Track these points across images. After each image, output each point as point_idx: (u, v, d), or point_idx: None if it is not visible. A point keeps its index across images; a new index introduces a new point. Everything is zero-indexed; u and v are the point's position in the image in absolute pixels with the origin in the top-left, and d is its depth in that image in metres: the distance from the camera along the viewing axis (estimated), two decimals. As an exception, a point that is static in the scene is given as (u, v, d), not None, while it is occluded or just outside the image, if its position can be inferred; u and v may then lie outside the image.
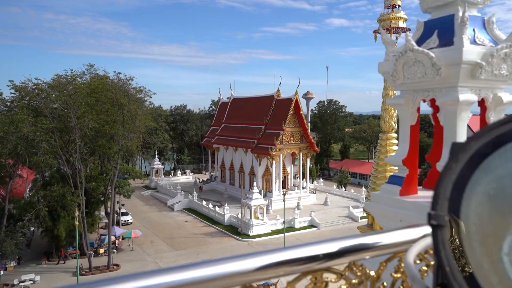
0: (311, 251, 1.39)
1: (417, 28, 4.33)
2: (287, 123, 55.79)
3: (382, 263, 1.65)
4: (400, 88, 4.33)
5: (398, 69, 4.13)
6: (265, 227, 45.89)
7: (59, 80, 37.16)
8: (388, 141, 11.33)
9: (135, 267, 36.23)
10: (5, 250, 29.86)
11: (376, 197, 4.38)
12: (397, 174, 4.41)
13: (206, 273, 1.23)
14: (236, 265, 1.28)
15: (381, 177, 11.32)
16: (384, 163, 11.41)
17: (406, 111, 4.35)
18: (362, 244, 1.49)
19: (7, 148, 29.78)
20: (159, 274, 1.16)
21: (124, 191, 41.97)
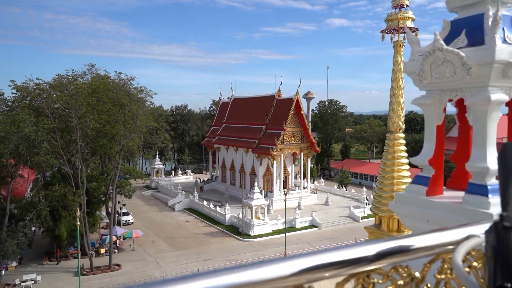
0: (360, 253, 1.41)
1: (443, 28, 4.29)
2: (288, 123, 55.76)
3: (426, 264, 1.66)
4: (427, 88, 4.30)
5: (425, 69, 4.09)
6: (266, 227, 45.88)
7: (60, 80, 37.16)
8: (395, 141, 11.30)
9: (136, 267, 36.25)
10: (7, 250, 29.85)
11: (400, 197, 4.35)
12: (423, 174, 4.38)
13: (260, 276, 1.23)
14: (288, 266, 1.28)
15: (388, 177, 11.28)
16: (392, 163, 11.36)
17: (432, 111, 4.31)
18: (408, 245, 1.51)
19: (9, 148, 29.76)
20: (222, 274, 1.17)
21: (125, 191, 41.97)
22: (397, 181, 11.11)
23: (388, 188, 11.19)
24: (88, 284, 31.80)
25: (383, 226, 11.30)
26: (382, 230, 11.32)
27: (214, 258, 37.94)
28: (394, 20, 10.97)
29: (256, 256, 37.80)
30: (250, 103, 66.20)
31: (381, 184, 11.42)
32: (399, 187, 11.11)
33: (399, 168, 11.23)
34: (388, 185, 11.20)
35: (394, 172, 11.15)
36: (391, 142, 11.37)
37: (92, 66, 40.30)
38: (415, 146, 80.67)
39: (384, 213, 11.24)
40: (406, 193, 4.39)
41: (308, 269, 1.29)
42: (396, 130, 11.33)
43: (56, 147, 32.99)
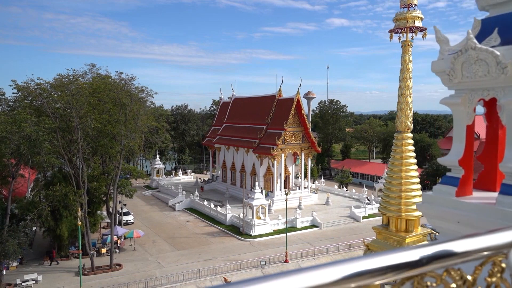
0: (415, 256, 1.41)
1: (473, 27, 4.23)
2: (289, 123, 55.72)
3: (477, 267, 1.66)
4: (457, 87, 4.25)
5: (456, 68, 4.04)
6: (267, 227, 45.85)
7: (61, 79, 37.12)
8: (403, 141, 11.25)
9: (137, 267, 36.22)
10: (8, 249, 29.80)
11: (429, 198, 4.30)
12: (452, 175, 4.33)
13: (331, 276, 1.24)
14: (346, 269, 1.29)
15: (396, 177, 11.24)
16: (400, 163, 11.32)
17: (462, 110, 4.26)
18: (461, 248, 1.52)
19: (10, 147, 29.72)
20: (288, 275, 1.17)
21: (126, 191, 41.93)
22: (405, 181, 11.09)
23: (396, 188, 11.17)
24: (89, 284, 31.76)
25: (391, 226, 11.27)
26: (390, 230, 11.29)
27: (215, 258, 37.90)
28: (402, 19, 10.92)
29: (257, 256, 37.78)
30: (250, 103, 66.16)
31: (389, 184, 11.38)
32: (407, 187, 11.09)
33: (407, 168, 11.21)
34: (396, 185, 11.18)
35: (402, 172, 11.13)
36: (399, 142, 11.33)
37: (93, 66, 40.27)
38: (416, 146, 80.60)
39: (392, 213, 11.21)
40: (434, 193, 4.33)
41: (367, 271, 1.31)
42: (404, 130, 11.30)
43: (57, 147, 32.95)
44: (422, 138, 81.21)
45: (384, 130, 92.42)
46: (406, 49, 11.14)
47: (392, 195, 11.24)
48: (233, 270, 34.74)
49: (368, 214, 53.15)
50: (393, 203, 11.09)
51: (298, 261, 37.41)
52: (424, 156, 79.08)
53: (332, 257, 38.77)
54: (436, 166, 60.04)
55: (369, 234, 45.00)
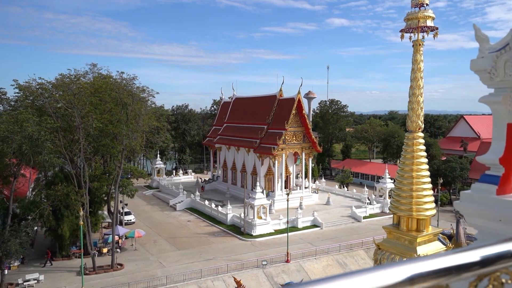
0: (495, 252, 1.43)
1: None
2: (290, 123, 55.73)
3: None
4: (498, 85, 4.24)
5: (499, 66, 4.03)
6: (268, 226, 45.86)
7: (63, 79, 37.13)
8: (415, 140, 11.26)
9: (138, 266, 36.24)
10: (10, 249, 29.83)
11: (468, 196, 4.29)
12: (492, 173, 4.32)
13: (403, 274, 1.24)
14: (430, 264, 1.30)
15: (407, 176, 11.24)
16: (411, 162, 11.33)
17: (502, 109, 4.26)
18: None
19: (12, 147, 29.73)
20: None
21: (127, 190, 41.95)
22: (416, 181, 11.10)
23: (407, 187, 11.18)
24: (91, 284, 31.78)
25: (402, 226, 11.28)
26: (401, 230, 11.30)
27: (216, 258, 37.91)
28: (414, 19, 10.92)
29: (259, 256, 37.80)
30: (251, 103, 66.16)
31: (400, 183, 11.38)
32: (418, 187, 11.10)
33: (418, 168, 11.22)
34: (407, 184, 11.20)
35: (413, 172, 11.14)
36: (410, 141, 11.34)
37: (94, 65, 40.25)
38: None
39: (403, 213, 11.22)
40: (473, 192, 4.32)
41: (450, 268, 1.31)
42: (415, 129, 11.30)
43: (59, 147, 32.97)
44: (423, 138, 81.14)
45: (384, 130, 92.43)
46: (417, 49, 11.14)
47: (403, 195, 11.25)
48: (235, 270, 34.75)
49: (369, 214, 53.18)
50: (404, 203, 11.11)
51: (300, 261, 37.44)
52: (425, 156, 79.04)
53: (334, 257, 38.81)
54: (437, 166, 59.99)
55: (370, 234, 45.08)
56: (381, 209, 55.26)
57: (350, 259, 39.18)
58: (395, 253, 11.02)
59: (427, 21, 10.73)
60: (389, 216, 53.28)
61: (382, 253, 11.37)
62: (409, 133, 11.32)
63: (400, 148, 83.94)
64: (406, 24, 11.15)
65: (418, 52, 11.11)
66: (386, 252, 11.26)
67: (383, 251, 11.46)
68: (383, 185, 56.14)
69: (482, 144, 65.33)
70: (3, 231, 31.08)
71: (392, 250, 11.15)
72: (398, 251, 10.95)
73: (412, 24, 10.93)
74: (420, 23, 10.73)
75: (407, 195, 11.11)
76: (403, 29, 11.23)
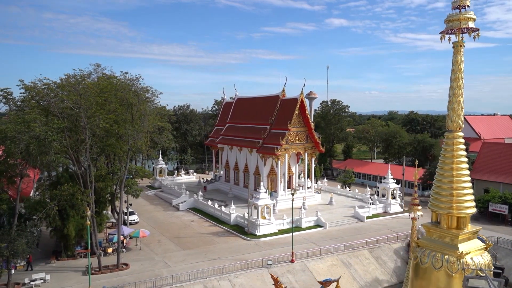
0: None
1: None
2: (293, 123, 55.87)
3: None
4: None
5: None
6: (272, 226, 45.97)
7: (68, 79, 37.16)
8: (455, 140, 11.38)
9: (144, 266, 36.30)
10: (17, 249, 29.88)
11: None
12: None
13: None
14: None
15: (448, 175, 11.36)
16: (451, 161, 11.45)
17: None
18: None
19: (20, 147, 29.77)
20: None
21: (132, 190, 42.02)
22: (456, 179, 11.24)
23: (447, 186, 11.32)
24: (97, 283, 31.80)
25: (442, 224, 11.41)
26: (441, 227, 11.44)
27: (221, 258, 37.99)
28: (455, 21, 11.08)
29: (263, 255, 37.91)
30: (254, 103, 66.28)
31: (439, 182, 11.51)
32: (458, 185, 11.24)
33: (458, 167, 11.37)
34: (447, 183, 11.35)
35: (454, 171, 11.28)
36: (450, 141, 11.47)
37: (98, 66, 40.25)
38: (418, 146, 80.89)
39: (444, 211, 11.35)
40: None
41: None
42: (455, 129, 11.43)
43: (66, 147, 33.02)
44: (424, 138, 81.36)
45: (386, 130, 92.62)
46: (458, 50, 11.29)
47: (443, 193, 11.37)
48: (240, 269, 34.85)
49: (372, 214, 53.33)
50: (444, 201, 11.25)
51: (304, 260, 37.55)
52: (426, 156, 79.27)
53: (338, 257, 38.94)
54: (439, 166, 60.17)
55: (374, 234, 45.26)
56: (384, 209, 55.43)
57: (354, 259, 39.29)
58: (436, 251, 11.15)
59: (469, 22, 10.88)
60: (392, 216, 53.51)
61: (422, 250, 11.49)
62: (449, 132, 11.43)
63: (401, 148, 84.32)
64: (447, 26, 11.28)
65: (458, 53, 11.26)
66: (427, 250, 11.38)
67: (423, 248, 11.58)
68: (386, 185, 56.26)
69: (484, 145, 65.52)
70: (9, 231, 31.13)
71: (432, 248, 11.28)
72: (439, 248, 11.09)
73: (453, 26, 11.07)
74: (461, 25, 10.88)
75: (448, 193, 11.24)
76: (443, 31, 11.37)
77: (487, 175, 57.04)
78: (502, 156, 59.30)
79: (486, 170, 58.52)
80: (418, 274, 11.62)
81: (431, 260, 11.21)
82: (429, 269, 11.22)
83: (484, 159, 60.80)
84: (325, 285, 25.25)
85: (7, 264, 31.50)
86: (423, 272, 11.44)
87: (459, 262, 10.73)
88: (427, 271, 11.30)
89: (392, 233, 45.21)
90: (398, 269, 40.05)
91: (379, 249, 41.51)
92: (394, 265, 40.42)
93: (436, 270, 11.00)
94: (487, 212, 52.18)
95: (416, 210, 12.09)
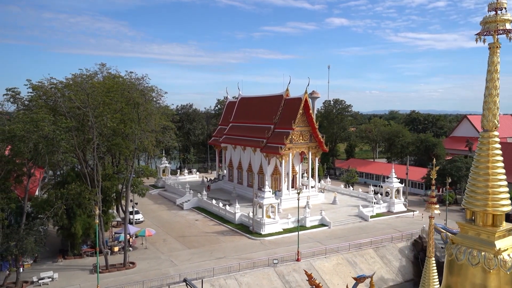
0: None
1: None
2: (297, 123, 56.00)
3: None
4: None
5: None
6: (277, 225, 46.13)
7: (75, 79, 37.35)
8: (490, 139, 11.59)
9: (150, 265, 36.48)
10: (26, 247, 30.08)
11: None
12: None
13: None
14: None
15: (483, 174, 11.55)
16: (486, 160, 11.63)
17: None
18: None
19: (29, 146, 29.94)
20: None
21: (138, 189, 42.21)
22: (492, 178, 11.50)
23: (483, 184, 11.54)
24: (105, 282, 32.00)
25: (478, 221, 11.62)
26: (477, 225, 11.66)
27: (227, 257, 38.16)
28: (492, 22, 11.27)
29: (269, 254, 38.08)
30: (257, 103, 66.40)
31: (474, 180, 11.73)
32: (494, 183, 11.48)
33: (493, 165, 11.60)
34: (482, 181, 11.57)
35: (489, 169, 11.52)
36: (486, 140, 11.74)
37: (103, 65, 40.43)
38: (420, 146, 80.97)
39: (479, 208, 11.54)
40: None
41: None
42: (491, 128, 11.71)
43: (73, 146, 33.20)
44: (427, 137, 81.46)
45: (388, 129, 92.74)
46: (494, 51, 11.51)
47: (478, 191, 11.57)
48: (246, 268, 35.02)
49: (376, 213, 53.49)
50: (479, 199, 11.47)
51: (310, 259, 37.71)
52: (429, 156, 79.38)
53: (343, 256, 39.10)
54: (442, 166, 60.30)
55: (378, 233, 45.41)
56: (388, 209, 55.57)
57: (360, 258, 39.45)
58: (473, 248, 11.37)
59: (506, 24, 11.06)
60: (396, 216, 53.64)
61: (458, 247, 11.67)
62: (484, 132, 11.71)
63: (404, 147, 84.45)
64: (483, 28, 11.45)
65: (495, 54, 11.43)
66: (462, 247, 11.60)
67: (458, 245, 11.76)
68: (390, 185, 56.40)
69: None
70: (18, 229, 31.32)
71: (468, 245, 11.50)
72: (475, 245, 11.36)
73: (490, 28, 11.23)
74: (498, 27, 11.05)
75: (483, 191, 11.44)
76: (479, 33, 11.52)
77: (491, 175, 57.08)
78: (506, 156, 59.41)
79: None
80: (453, 270, 11.81)
81: (467, 256, 11.43)
82: (465, 266, 11.44)
83: (488, 159, 60.89)
84: (360, 281, 25.80)
85: (16, 262, 31.71)
86: (458, 269, 11.64)
87: (496, 258, 10.96)
88: (462, 267, 11.51)
89: (397, 232, 45.37)
90: (403, 268, 40.22)
91: (384, 248, 41.66)
92: (399, 264, 40.57)
93: (473, 266, 11.22)
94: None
95: (434, 209, 12.24)
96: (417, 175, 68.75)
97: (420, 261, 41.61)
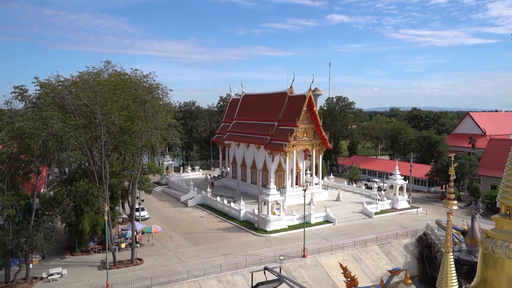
0: None
1: None
2: (301, 120, 56.17)
3: None
4: None
5: None
6: (282, 222, 46.41)
7: (81, 76, 37.49)
8: None
9: (158, 261, 36.76)
10: (36, 244, 30.33)
11: None
12: None
13: None
14: None
15: None
16: None
17: None
18: None
19: (38, 143, 30.14)
20: None
21: (145, 186, 42.44)
22: None
23: None
24: (113, 278, 32.26)
25: None
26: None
27: (233, 253, 38.42)
28: None
29: (275, 251, 38.34)
30: (261, 100, 66.57)
31: (510, 176, 11.97)
32: None
33: None
34: None
35: None
36: None
37: (108, 63, 40.51)
38: (423, 143, 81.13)
39: None
40: None
41: None
42: None
43: (82, 143, 33.41)
44: (430, 135, 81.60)
45: (391, 126, 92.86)
46: None
47: None
48: (253, 264, 35.25)
49: (380, 210, 53.74)
50: None
51: (316, 256, 37.98)
52: (432, 152, 79.56)
53: (349, 252, 39.36)
54: (445, 162, 60.50)
55: (383, 229, 45.66)
56: (392, 205, 55.81)
57: (365, 254, 39.73)
58: (509, 241, 11.66)
59: None
60: (400, 212, 53.87)
61: (494, 241, 11.94)
62: None
63: (407, 144, 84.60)
64: None
65: None
66: (498, 240, 11.89)
67: (494, 239, 12.03)
68: (394, 182, 56.60)
69: (491, 141, 65.79)
70: (27, 226, 31.58)
71: (504, 238, 11.79)
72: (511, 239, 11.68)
73: None
74: None
75: None
76: None
77: (494, 171, 57.32)
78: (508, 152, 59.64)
79: (493, 166, 58.78)
80: (489, 263, 12.10)
81: (504, 250, 11.72)
82: (502, 259, 11.74)
83: (491, 156, 61.09)
84: (394, 274, 26.89)
85: (26, 258, 31.98)
86: (494, 262, 11.94)
87: None
88: (499, 260, 11.81)
89: (401, 228, 45.61)
90: (408, 264, 40.44)
91: (389, 244, 41.92)
92: (404, 260, 40.85)
93: (510, 259, 11.50)
94: (494, 208, 52.52)
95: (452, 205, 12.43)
96: (420, 172, 68.95)
97: (425, 258, 41.88)
